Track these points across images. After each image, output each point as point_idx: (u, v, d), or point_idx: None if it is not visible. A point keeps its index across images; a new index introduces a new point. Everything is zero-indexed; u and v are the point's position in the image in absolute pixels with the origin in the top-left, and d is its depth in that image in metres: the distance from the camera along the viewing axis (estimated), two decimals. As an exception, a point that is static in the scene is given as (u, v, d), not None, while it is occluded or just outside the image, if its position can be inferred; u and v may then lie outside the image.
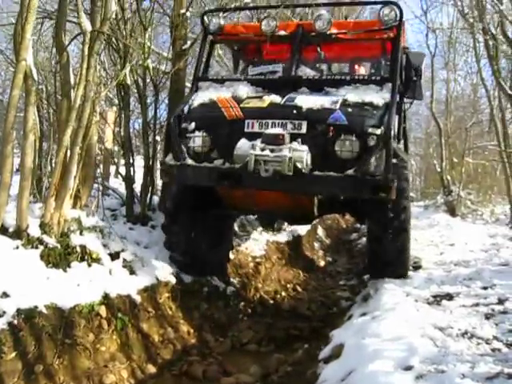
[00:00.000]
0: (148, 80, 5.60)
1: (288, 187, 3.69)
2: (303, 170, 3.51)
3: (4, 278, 3.03)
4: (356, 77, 4.32)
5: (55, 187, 3.71)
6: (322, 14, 4.32)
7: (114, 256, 4.04)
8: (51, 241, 3.56)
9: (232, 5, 5.71)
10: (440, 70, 15.17)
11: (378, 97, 3.82)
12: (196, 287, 4.62)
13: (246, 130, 3.83)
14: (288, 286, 6.15)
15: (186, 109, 4.24)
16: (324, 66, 5.12)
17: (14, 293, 2.98)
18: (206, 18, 4.78)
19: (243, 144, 3.73)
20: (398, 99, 4.06)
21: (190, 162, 3.93)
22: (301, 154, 3.55)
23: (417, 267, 4.59)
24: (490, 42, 8.61)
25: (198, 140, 4.00)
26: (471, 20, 9.41)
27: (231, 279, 5.30)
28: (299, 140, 3.62)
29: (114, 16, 4.18)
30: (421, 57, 4.53)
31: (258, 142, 3.63)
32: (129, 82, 5.15)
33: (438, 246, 6.21)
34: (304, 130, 3.71)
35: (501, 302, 3.08)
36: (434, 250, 5.82)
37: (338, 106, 3.73)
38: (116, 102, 6.63)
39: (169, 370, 3.54)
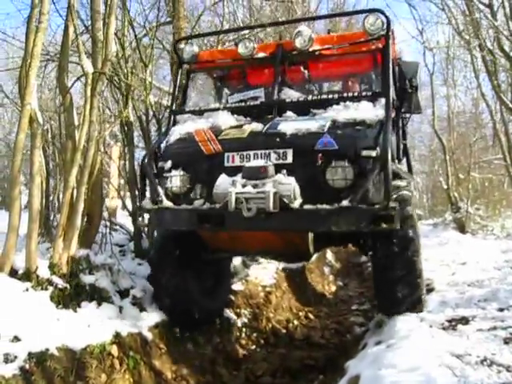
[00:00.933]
0: (151, 114, 5.70)
1: (275, 226, 3.27)
2: (291, 205, 3.11)
3: (15, 321, 3.03)
4: (345, 94, 3.83)
5: (63, 227, 3.73)
6: (300, 30, 3.94)
7: (124, 293, 4.04)
8: (60, 281, 3.56)
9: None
10: (440, 87, 15.31)
11: (370, 114, 3.46)
12: (207, 320, 4.58)
13: (226, 164, 3.49)
14: (300, 313, 6.08)
15: (162, 145, 3.95)
16: (312, 87, 4.63)
17: (24, 336, 2.97)
18: (179, 46, 4.57)
19: (223, 181, 3.37)
20: (393, 115, 3.80)
21: (167, 204, 3.58)
22: (287, 187, 3.15)
23: (430, 290, 4.50)
24: (488, 58, 8.67)
25: (175, 180, 3.68)
26: (467, 37, 9.50)
27: (242, 310, 5.24)
28: (285, 171, 3.23)
29: (114, 55, 4.25)
30: (414, 66, 4.11)
31: (239, 178, 3.28)
32: (132, 118, 5.24)
33: (449, 266, 6.11)
34: (290, 159, 3.33)
35: (520, 324, 2.97)
36: (446, 271, 5.73)
37: (326, 128, 3.33)
38: (120, 137, 6.72)
39: (184, 409, 3.49)
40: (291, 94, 3.96)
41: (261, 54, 4.14)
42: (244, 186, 3.20)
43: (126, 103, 5.22)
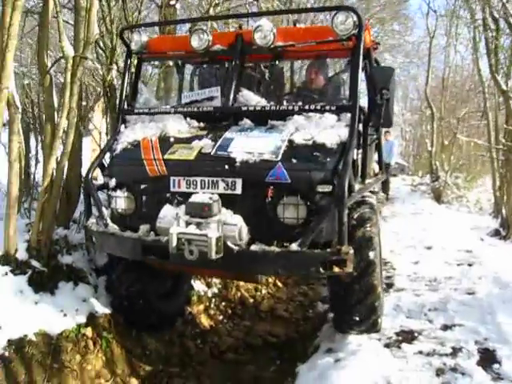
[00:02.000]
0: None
1: (219, 268, 3.15)
2: (235, 250, 2.88)
3: (-6, 307, 3.25)
4: (306, 106, 3.42)
5: (41, 210, 3.84)
6: (261, 24, 3.52)
7: (100, 271, 4.24)
8: (38, 264, 3.74)
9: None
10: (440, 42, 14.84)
11: (332, 134, 3.17)
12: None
13: (171, 189, 3.26)
14: (269, 280, 6.41)
15: (108, 156, 3.73)
16: (272, 87, 4.19)
17: (4, 324, 3.21)
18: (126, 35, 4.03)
19: (167, 213, 3.15)
20: (359, 129, 3.48)
21: (112, 228, 3.37)
22: (233, 229, 2.93)
23: (389, 285, 4.81)
24: (490, 34, 8.47)
25: (119, 201, 3.47)
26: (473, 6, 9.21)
27: (213, 279, 5.53)
28: (232, 207, 3.04)
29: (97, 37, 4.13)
30: (388, 74, 3.47)
31: (183, 212, 3.03)
32: (115, 82, 5.17)
33: (415, 249, 6.45)
34: (239, 190, 3.09)
35: (454, 352, 3.24)
36: (411, 256, 6.06)
37: (280, 155, 3.04)
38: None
39: (150, 382, 3.83)
40: (249, 98, 3.64)
41: (217, 47, 3.77)
42: (188, 223, 2.96)
43: (109, 67, 5.14)
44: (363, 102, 3.67)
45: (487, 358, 3.14)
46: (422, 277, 5.13)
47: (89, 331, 3.70)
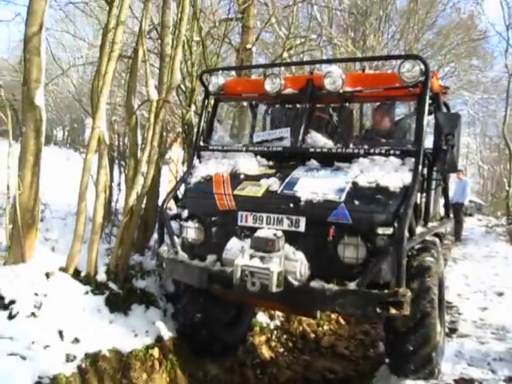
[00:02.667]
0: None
1: (279, 301, 3.28)
2: (295, 285, 3.03)
3: (76, 323, 3.63)
4: (372, 149, 3.52)
5: (121, 238, 4.23)
6: (331, 70, 3.69)
7: (169, 297, 4.54)
8: (115, 287, 4.12)
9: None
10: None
11: (396, 178, 3.26)
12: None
13: (239, 223, 3.47)
14: (331, 316, 6.42)
15: (182, 188, 3.98)
16: (339, 130, 4.25)
17: (83, 338, 3.56)
18: (204, 77, 4.44)
19: (233, 245, 3.35)
20: (423, 174, 3.59)
21: (181, 256, 3.62)
22: (294, 265, 3.09)
23: (452, 330, 4.67)
24: None
25: (190, 231, 3.72)
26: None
27: (276, 312, 5.65)
28: (294, 244, 3.18)
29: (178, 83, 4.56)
30: (454, 120, 3.52)
31: (248, 246, 3.20)
32: (193, 120, 5.61)
33: (485, 294, 6.17)
34: (302, 227, 3.25)
35: (517, 408, 3.14)
36: (479, 301, 5.82)
37: (343, 196, 3.17)
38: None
39: (210, 408, 4.01)
40: (317, 140, 3.81)
41: (289, 90, 3.99)
42: (252, 256, 3.12)
43: (189, 105, 5.60)
44: (428, 143, 3.70)
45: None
46: (490, 324, 4.92)
47: (156, 352, 3.97)
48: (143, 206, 4.52)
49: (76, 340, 3.53)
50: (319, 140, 3.82)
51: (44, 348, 3.33)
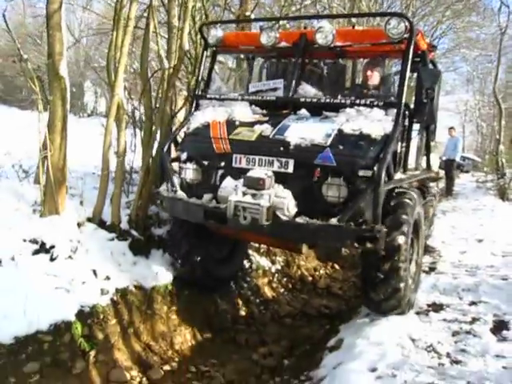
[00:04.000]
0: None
1: (268, 233, 3.56)
2: (283, 219, 3.34)
3: (106, 264, 4.26)
4: (357, 101, 3.79)
5: (140, 192, 4.81)
6: (322, 26, 3.94)
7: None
8: (136, 234, 4.73)
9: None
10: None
11: (378, 126, 3.52)
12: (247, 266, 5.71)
13: (233, 164, 3.76)
14: (328, 263, 7.10)
15: (182, 132, 4.27)
16: (329, 82, 4.52)
17: (113, 276, 4.21)
18: (204, 29, 4.67)
19: (227, 184, 3.66)
20: (404, 124, 3.84)
21: (180, 195, 3.91)
22: (282, 201, 3.39)
23: (432, 268, 5.34)
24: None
25: (189, 172, 4.01)
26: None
27: (277, 257, 6.32)
28: (283, 183, 3.48)
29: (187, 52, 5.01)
30: (435, 75, 3.79)
31: (241, 184, 3.52)
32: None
33: (466, 241, 6.81)
34: (291, 169, 3.53)
35: (473, 321, 3.78)
36: (460, 247, 6.46)
37: (329, 141, 3.45)
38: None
39: (220, 336, 4.69)
40: (308, 91, 4.05)
41: (283, 44, 4.22)
42: (244, 193, 3.44)
43: (193, 72, 6.05)
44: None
45: (499, 327, 3.67)
46: (465, 264, 5.58)
47: (173, 289, 4.64)
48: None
49: (107, 278, 4.18)
50: (310, 91, 4.08)
51: (82, 283, 3.97)
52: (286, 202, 3.40)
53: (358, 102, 3.81)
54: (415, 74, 4.23)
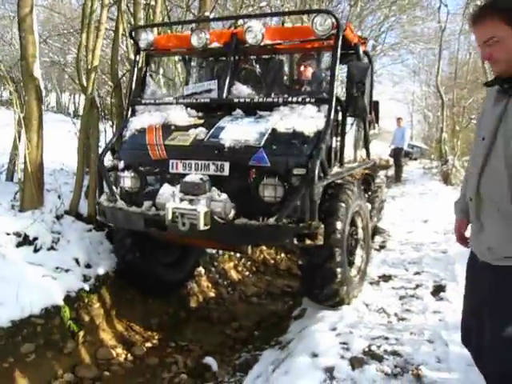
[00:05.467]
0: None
1: (208, 238, 3.60)
2: (221, 223, 3.33)
3: (87, 252, 4.59)
4: (290, 98, 3.77)
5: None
6: (251, 26, 3.91)
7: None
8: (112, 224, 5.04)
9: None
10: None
11: (311, 123, 3.54)
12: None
13: (170, 170, 3.73)
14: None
15: (118, 139, 4.22)
16: (263, 82, 4.42)
17: (93, 263, 4.55)
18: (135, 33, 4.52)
19: (165, 191, 3.62)
20: (337, 119, 3.89)
21: (120, 204, 3.89)
22: (219, 205, 3.36)
23: (382, 246, 5.98)
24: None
25: (127, 180, 3.95)
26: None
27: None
28: (221, 186, 3.47)
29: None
30: (364, 69, 3.75)
31: (178, 190, 3.52)
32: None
33: (413, 222, 7.54)
34: (227, 172, 3.51)
35: (417, 287, 4.42)
36: (407, 227, 7.18)
37: (262, 141, 3.44)
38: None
39: (194, 315, 5.11)
40: (242, 91, 4.00)
41: (214, 44, 4.17)
42: (182, 199, 3.42)
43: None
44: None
45: (438, 290, 4.31)
46: (411, 242, 6.26)
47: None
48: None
49: (88, 265, 4.52)
50: (244, 91, 4.02)
51: (66, 271, 4.29)
52: (222, 205, 3.39)
53: (290, 99, 3.80)
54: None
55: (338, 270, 3.66)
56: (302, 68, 4.69)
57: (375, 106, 6.04)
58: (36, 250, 4.34)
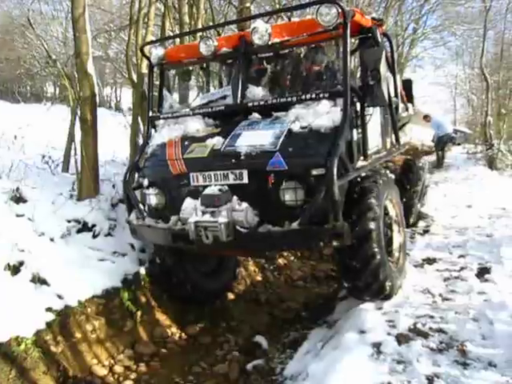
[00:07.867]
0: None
1: (233, 249, 3.57)
2: (244, 232, 3.28)
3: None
4: (303, 96, 3.64)
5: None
6: (256, 26, 3.79)
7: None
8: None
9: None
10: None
11: (327, 119, 3.41)
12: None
13: (192, 183, 3.71)
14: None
15: (142, 156, 4.22)
16: (275, 82, 4.34)
17: (147, 248, 4.81)
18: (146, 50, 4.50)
19: (188, 205, 3.61)
20: (356, 110, 3.71)
21: (148, 221, 3.92)
22: (240, 215, 3.30)
23: (426, 231, 5.98)
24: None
25: (152, 198, 3.97)
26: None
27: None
28: (241, 195, 3.40)
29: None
30: (376, 54, 3.54)
31: (199, 204, 3.50)
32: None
33: (457, 207, 7.43)
34: (246, 179, 3.45)
35: (461, 269, 4.44)
36: (451, 212, 7.12)
37: (278, 144, 3.35)
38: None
39: (243, 298, 5.32)
40: (256, 94, 3.92)
41: (224, 50, 4.08)
42: (204, 212, 3.40)
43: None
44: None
45: (482, 272, 4.32)
46: (455, 226, 6.22)
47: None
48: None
49: (143, 250, 4.80)
50: (258, 94, 3.94)
51: (123, 256, 4.61)
52: (243, 214, 3.33)
53: (305, 97, 3.66)
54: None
55: (380, 269, 3.51)
56: (314, 62, 4.43)
57: (407, 85, 5.87)
58: (95, 236, 4.66)
